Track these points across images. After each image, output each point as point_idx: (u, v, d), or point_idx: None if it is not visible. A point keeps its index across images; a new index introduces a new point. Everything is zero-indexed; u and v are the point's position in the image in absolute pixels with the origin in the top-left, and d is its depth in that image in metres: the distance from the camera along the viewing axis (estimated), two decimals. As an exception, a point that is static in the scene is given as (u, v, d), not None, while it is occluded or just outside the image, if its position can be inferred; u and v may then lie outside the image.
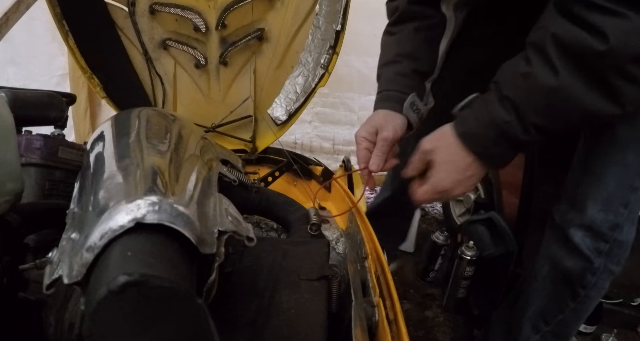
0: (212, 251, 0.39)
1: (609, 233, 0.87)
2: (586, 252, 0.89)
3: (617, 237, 0.88)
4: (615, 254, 0.90)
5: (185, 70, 1.33)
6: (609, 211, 0.86)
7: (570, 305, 0.96)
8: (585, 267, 0.90)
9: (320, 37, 1.15)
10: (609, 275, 0.92)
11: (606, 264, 0.90)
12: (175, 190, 0.45)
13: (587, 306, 0.97)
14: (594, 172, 0.86)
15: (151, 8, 1.21)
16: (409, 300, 1.67)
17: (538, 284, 1.01)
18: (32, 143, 0.77)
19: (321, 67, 1.14)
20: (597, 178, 0.86)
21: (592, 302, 0.96)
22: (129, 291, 0.29)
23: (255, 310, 0.52)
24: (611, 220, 0.86)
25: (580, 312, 0.98)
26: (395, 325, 0.58)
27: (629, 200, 0.85)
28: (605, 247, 0.88)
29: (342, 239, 0.78)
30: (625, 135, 0.80)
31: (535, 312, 1.02)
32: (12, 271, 0.50)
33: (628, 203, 0.85)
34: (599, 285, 0.93)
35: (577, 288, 0.93)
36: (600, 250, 0.89)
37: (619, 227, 0.87)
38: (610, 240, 0.88)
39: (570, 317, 0.98)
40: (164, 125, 0.66)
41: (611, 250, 0.89)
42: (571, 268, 0.92)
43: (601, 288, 0.94)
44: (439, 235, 1.72)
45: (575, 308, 0.96)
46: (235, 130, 1.35)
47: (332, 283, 0.58)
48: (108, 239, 0.34)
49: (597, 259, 0.89)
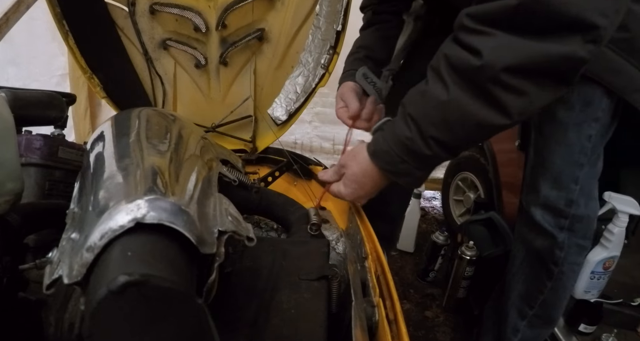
0: (212, 251, 0.38)
1: (565, 209, 0.94)
2: (549, 229, 0.96)
3: (574, 212, 0.94)
4: (578, 229, 0.95)
5: (186, 70, 1.33)
6: (561, 188, 0.93)
7: (547, 284, 1.01)
8: (552, 244, 0.97)
9: (321, 37, 1.15)
10: (578, 249, 0.98)
11: (570, 238, 0.96)
12: (175, 190, 0.45)
13: (565, 283, 1.01)
14: (542, 153, 0.95)
15: (151, 8, 1.21)
16: (409, 300, 1.67)
17: (516, 269, 1.07)
18: (32, 143, 0.77)
19: (321, 67, 1.14)
20: (544, 158, 0.94)
21: (568, 279, 1.01)
22: (129, 291, 0.29)
23: (255, 309, 0.52)
24: (564, 196, 0.93)
25: (559, 291, 1.02)
26: (395, 325, 0.58)
27: (577, 175, 0.92)
28: (565, 222, 0.95)
29: (342, 239, 0.78)
30: (564, 117, 0.89)
31: (518, 297, 1.07)
32: (12, 272, 0.50)
33: (577, 179, 0.92)
34: (570, 259, 0.98)
35: (550, 265, 0.99)
36: (561, 225, 0.95)
37: (574, 203, 0.93)
38: (568, 216, 0.94)
39: (550, 297, 1.03)
40: (164, 125, 0.66)
41: (572, 225, 0.95)
42: (540, 246, 0.98)
43: (573, 264, 0.99)
44: (439, 235, 1.72)
45: (553, 286, 1.01)
46: (235, 130, 1.35)
47: (332, 283, 0.58)
48: (108, 239, 0.33)
49: (560, 234, 0.95)
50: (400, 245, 1.99)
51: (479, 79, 0.62)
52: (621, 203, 1.10)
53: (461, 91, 0.64)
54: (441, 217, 2.25)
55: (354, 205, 0.91)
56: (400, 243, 1.99)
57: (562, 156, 0.92)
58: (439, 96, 0.66)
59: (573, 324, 1.18)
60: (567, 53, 0.59)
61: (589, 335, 1.19)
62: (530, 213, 0.98)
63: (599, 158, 0.95)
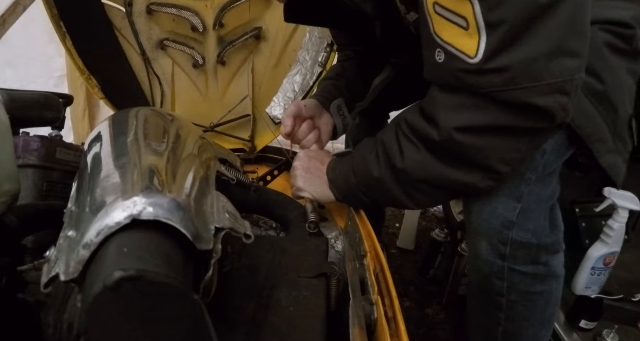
0: (208, 247, 0.38)
1: (503, 231, 0.76)
2: (484, 257, 0.79)
3: (514, 236, 0.76)
4: (521, 255, 0.77)
5: (183, 70, 1.33)
6: (498, 206, 0.76)
7: (499, 314, 0.85)
8: (489, 273, 0.81)
9: (318, 35, 1.15)
10: (525, 277, 0.80)
11: (511, 266, 0.78)
12: (172, 188, 0.45)
13: (522, 312, 0.83)
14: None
15: (148, 8, 1.21)
16: (409, 298, 1.66)
17: (471, 300, 0.92)
18: (30, 144, 0.77)
19: (319, 65, 1.15)
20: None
21: (526, 308, 0.83)
22: (124, 286, 0.28)
23: (254, 307, 0.52)
24: (501, 215, 0.76)
25: (517, 319, 0.84)
26: (394, 322, 0.58)
27: (522, 192, 0.75)
28: (505, 249, 0.77)
29: (341, 237, 0.78)
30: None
31: (479, 328, 0.92)
32: (11, 273, 0.50)
33: (521, 197, 0.75)
34: (518, 288, 0.80)
35: (494, 296, 0.83)
36: (500, 252, 0.78)
37: (514, 225, 0.76)
38: (506, 240, 0.76)
39: (510, 326, 0.86)
40: (161, 124, 0.66)
41: (515, 251, 0.77)
42: (480, 277, 0.83)
43: (525, 292, 0.81)
44: (439, 232, 1.72)
45: (508, 317, 0.84)
46: (233, 129, 1.35)
47: (331, 281, 0.58)
48: (104, 236, 0.33)
49: (496, 261, 0.79)
50: (400, 242, 1.99)
51: (399, 177, 0.75)
52: (621, 198, 1.10)
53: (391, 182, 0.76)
54: (441, 214, 2.25)
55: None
56: (400, 240, 1.99)
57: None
58: (372, 171, 0.78)
59: (573, 320, 1.18)
60: (469, 183, 0.70)
61: (590, 330, 1.19)
62: (470, 240, 0.83)
63: (553, 179, 0.79)
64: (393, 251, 1.96)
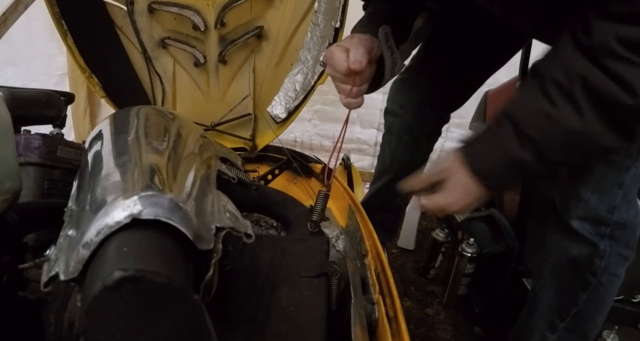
0: (209, 247, 0.38)
1: (607, 215, 0.86)
2: (589, 237, 0.88)
3: (616, 219, 0.86)
4: (620, 236, 0.88)
5: (185, 69, 1.33)
6: (603, 192, 0.84)
7: (582, 295, 0.93)
8: (592, 252, 0.89)
9: (320, 34, 1.14)
10: (619, 258, 0.89)
11: (612, 247, 0.88)
12: (173, 187, 0.45)
13: (602, 295, 0.93)
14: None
15: (150, 7, 1.21)
16: (410, 298, 1.67)
17: (545, 279, 0.98)
18: (31, 142, 0.77)
19: (320, 65, 1.14)
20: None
21: (607, 291, 0.93)
22: (124, 286, 0.28)
23: (254, 307, 0.52)
24: (607, 202, 0.85)
25: (595, 303, 0.94)
26: (395, 322, 0.58)
27: (623, 179, 0.84)
28: (606, 230, 0.87)
29: (342, 236, 0.78)
30: None
31: (547, 308, 0.98)
32: (12, 271, 0.50)
33: (622, 184, 0.84)
34: (610, 270, 0.90)
35: (587, 275, 0.91)
36: (601, 233, 0.87)
37: (616, 208, 0.86)
38: (610, 223, 0.86)
39: (585, 309, 0.94)
40: (162, 123, 0.66)
41: (613, 233, 0.87)
42: (577, 255, 0.90)
43: (613, 275, 0.91)
44: (440, 232, 1.72)
45: (589, 298, 0.93)
46: (234, 128, 1.35)
47: (332, 281, 0.58)
48: (104, 235, 0.33)
49: (601, 242, 0.87)
50: (400, 242, 1.99)
51: (629, 118, 0.59)
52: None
53: (598, 121, 0.60)
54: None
55: (354, 202, 0.90)
56: (401, 240, 1.99)
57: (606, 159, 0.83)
58: (572, 125, 0.61)
59: (574, 320, 1.18)
60: None
61: (590, 331, 1.19)
62: (567, 221, 0.89)
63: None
64: (394, 251, 1.96)
